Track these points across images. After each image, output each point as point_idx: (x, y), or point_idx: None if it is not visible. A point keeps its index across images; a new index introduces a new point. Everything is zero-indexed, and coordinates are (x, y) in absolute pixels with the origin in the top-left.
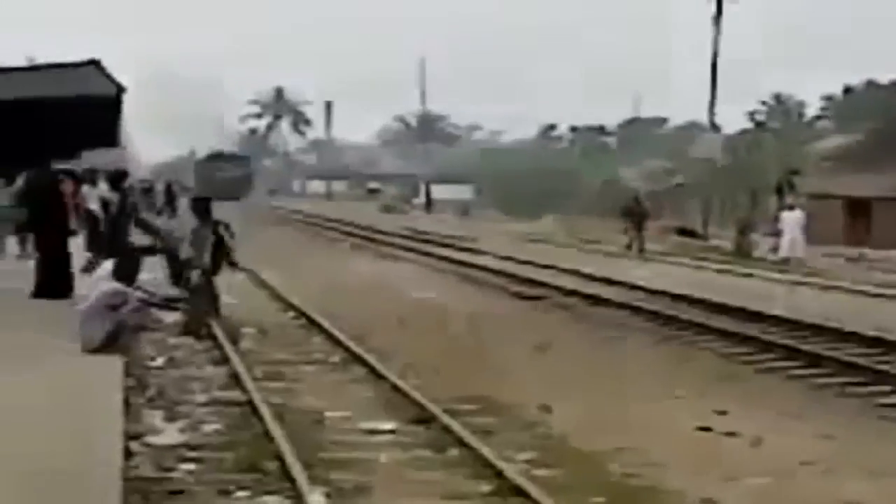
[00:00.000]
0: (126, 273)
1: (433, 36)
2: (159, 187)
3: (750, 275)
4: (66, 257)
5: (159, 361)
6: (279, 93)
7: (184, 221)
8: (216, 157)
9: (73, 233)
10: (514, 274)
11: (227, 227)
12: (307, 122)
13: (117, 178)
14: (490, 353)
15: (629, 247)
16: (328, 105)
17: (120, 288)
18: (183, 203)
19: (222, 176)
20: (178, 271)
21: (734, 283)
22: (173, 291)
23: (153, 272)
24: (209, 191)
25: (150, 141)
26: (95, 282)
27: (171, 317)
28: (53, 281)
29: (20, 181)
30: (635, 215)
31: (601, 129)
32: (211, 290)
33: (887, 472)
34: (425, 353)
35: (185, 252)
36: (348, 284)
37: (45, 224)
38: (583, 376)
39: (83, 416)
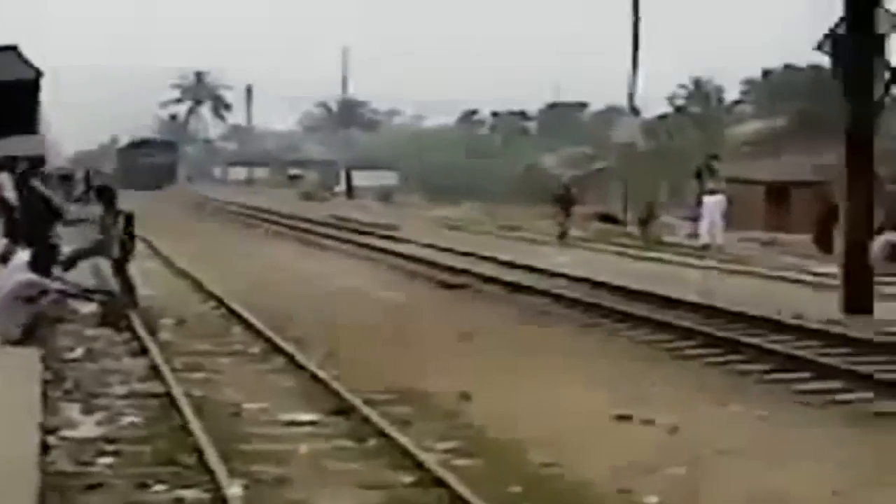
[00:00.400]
0: (43, 264)
1: (355, 19)
2: (79, 175)
3: (669, 261)
4: None
5: (77, 353)
6: (199, 77)
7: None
8: (140, 144)
9: None
10: (436, 262)
11: (129, 219)
12: (227, 108)
13: (35, 166)
14: (411, 342)
15: (562, 235)
16: (249, 90)
17: (37, 279)
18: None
19: (145, 163)
20: (73, 257)
21: (653, 269)
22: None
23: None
24: (132, 179)
25: (70, 128)
26: (11, 272)
27: (88, 307)
28: None
29: None
30: (564, 202)
31: (522, 114)
32: (126, 280)
33: (806, 458)
34: (346, 343)
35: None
36: (268, 273)
37: None
38: (503, 365)
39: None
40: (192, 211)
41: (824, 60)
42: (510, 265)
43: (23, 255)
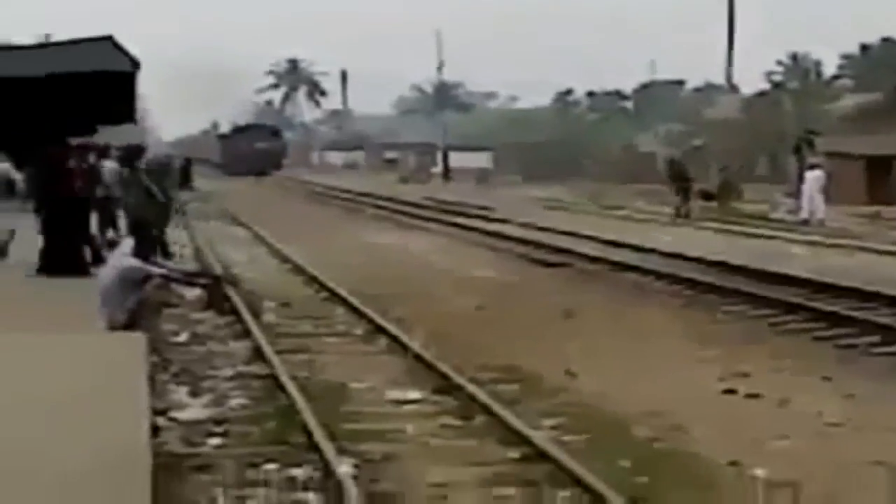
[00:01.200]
0: (147, 250)
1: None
2: (178, 164)
3: (771, 237)
4: (75, 231)
5: (182, 337)
6: (294, 64)
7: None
8: (244, 130)
9: (86, 206)
10: (537, 241)
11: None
12: (323, 93)
13: (133, 155)
14: (514, 320)
15: (680, 213)
16: (344, 75)
17: (141, 264)
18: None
19: (249, 149)
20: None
21: (756, 245)
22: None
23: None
24: (235, 165)
25: (169, 116)
26: (116, 258)
27: (193, 292)
28: (59, 255)
29: None
30: (681, 179)
31: (618, 94)
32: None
33: None
34: (448, 323)
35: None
36: (368, 256)
37: (49, 196)
38: (607, 341)
39: (108, 394)
40: (292, 196)
41: None
42: (613, 244)
43: (128, 242)
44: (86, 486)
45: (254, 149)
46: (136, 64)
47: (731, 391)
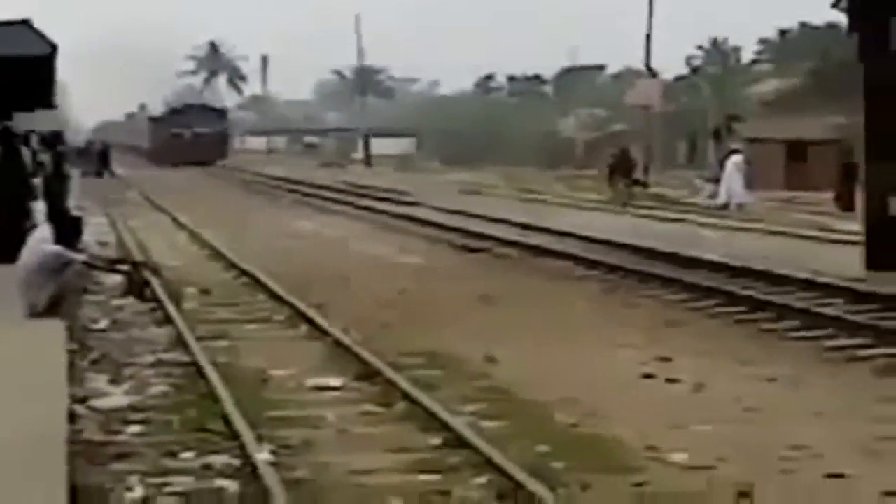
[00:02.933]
0: (66, 236)
1: None
2: (96, 147)
3: (691, 221)
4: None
5: (103, 324)
6: (214, 48)
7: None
8: (181, 112)
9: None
10: (456, 227)
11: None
12: (243, 78)
13: (52, 140)
14: (435, 306)
15: (624, 203)
16: (264, 60)
17: (61, 251)
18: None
19: (188, 135)
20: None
21: (674, 230)
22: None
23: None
24: (171, 154)
25: (88, 101)
26: (36, 244)
27: (113, 278)
28: None
29: None
30: (624, 166)
31: (538, 78)
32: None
33: (831, 414)
34: (369, 308)
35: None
36: (287, 241)
37: None
38: (528, 327)
39: (26, 382)
40: (211, 180)
41: (841, 18)
42: (532, 228)
43: (46, 228)
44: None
45: (194, 134)
46: (53, 48)
47: (650, 376)
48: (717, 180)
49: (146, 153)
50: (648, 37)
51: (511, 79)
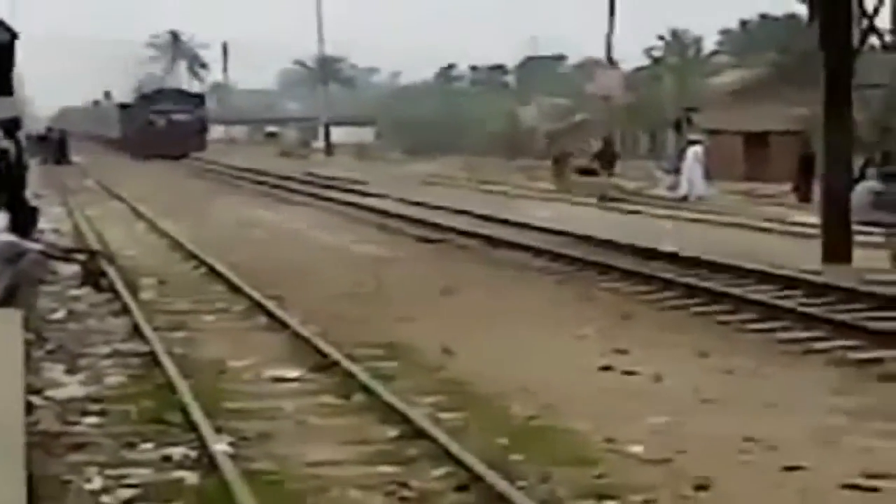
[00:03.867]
0: (23, 225)
1: None
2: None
3: (650, 213)
4: None
5: (59, 314)
6: (175, 36)
7: None
8: (153, 97)
9: None
10: (416, 217)
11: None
12: (204, 66)
13: (10, 128)
14: (392, 297)
15: (605, 195)
16: (225, 48)
17: (16, 240)
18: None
19: (163, 123)
20: None
21: (633, 222)
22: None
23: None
24: (143, 144)
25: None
26: None
27: (69, 268)
28: None
29: None
30: (606, 158)
31: (500, 68)
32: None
33: (787, 406)
34: (327, 299)
35: None
36: (247, 231)
37: None
38: (485, 318)
39: None
40: (170, 169)
41: (801, 9)
42: (490, 220)
43: (1, 217)
44: None
45: (170, 122)
46: (13, 34)
47: (608, 368)
48: (676, 171)
49: (116, 143)
50: (610, 27)
51: (473, 68)
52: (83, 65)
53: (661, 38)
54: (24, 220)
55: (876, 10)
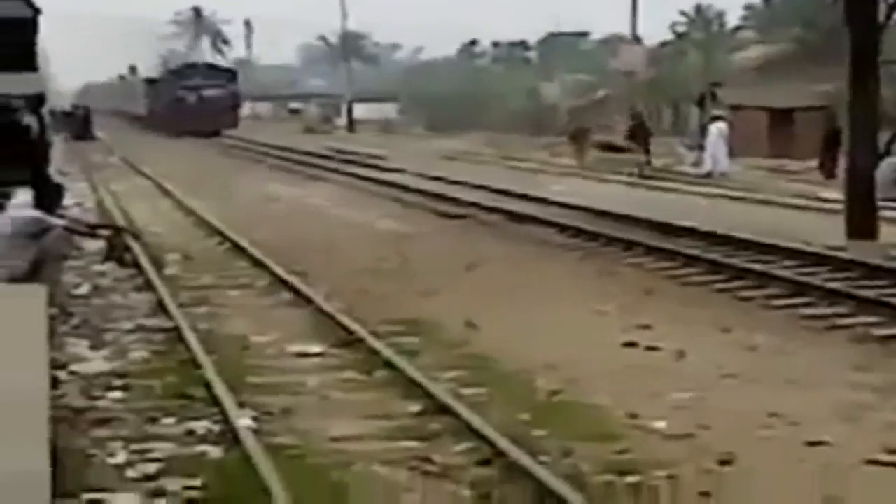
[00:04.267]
0: (47, 201)
1: None
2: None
3: (674, 189)
4: None
5: (84, 289)
6: (198, 12)
7: None
8: (183, 72)
9: None
10: (438, 193)
11: None
12: (226, 42)
13: (35, 104)
14: (416, 273)
15: (642, 172)
16: (248, 23)
17: (41, 216)
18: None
19: (193, 99)
20: None
21: (657, 198)
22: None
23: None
24: (173, 121)
25: (69, 63)
26: (15, 209)
27: (95, 243)
28: None
29: None
30: (641, 132)
31: (523, 45)
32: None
33: (810, 382)
34: (351, 275)
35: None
36: (271, 208)
37: None
38: (509, 294)
39: (6, 347)
40: (195, 147)
41: None
42: (514, 195)
43: (25, 193)
44: None
45: (200, 98)
46: (36, 10)
47: (631, 344)
48: (700, 148)
49: (142, 120)
50: (634, 2)
51: (495, 45)
52: (106, 42)
53: (685, 14)
54: (48, 197)
55: None
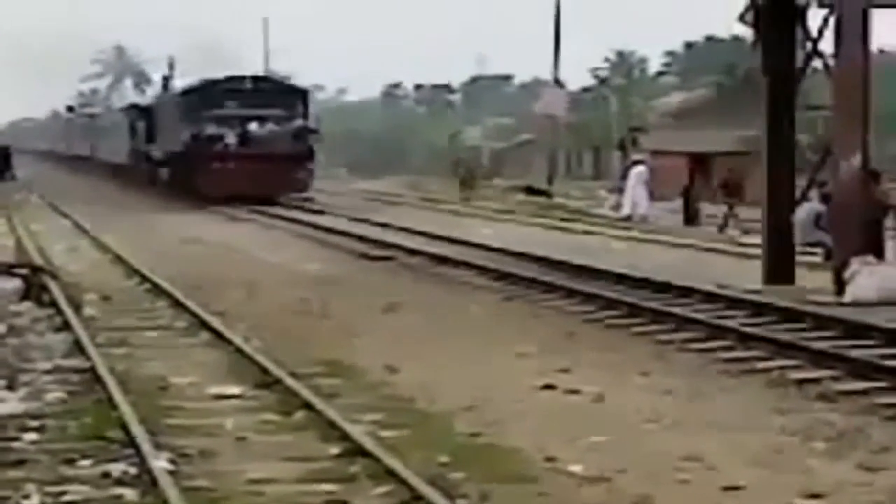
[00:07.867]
0: None
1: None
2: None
3: (594, 233)
4: None
5: (0, 329)
6: (120, 51)
7: None
8: (208, 90)
9: None
10: (360, 235)
11: None
12: (149, 82)
13: None
14: (336, 314)
15: (723, 228)
16: (171, 63)
17: None
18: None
19: (237, 137)
20: None
21: (578, 241)
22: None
23: None
24: (200, 178)
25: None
26: None
27: (11, 283)
28: None
29: None
30: (731, 187)
31: (446, 87)
32: None
33: (727, 426)
34: (270, 317)
35: None
36: (191, 247)
37: None
38: (428, 336)
39: None
40: (115, 186)
41: (746, 32)
42: (435, 238)
43: None
44: None
45: (246, 137)
46: None
47: (550, 387)
48: (620, 191)
49: (125, 171)
50: (556, 48)
51: (418, 87)
52: (27, 79)
53: (607, 59)
54: None
55: (820, 33)
